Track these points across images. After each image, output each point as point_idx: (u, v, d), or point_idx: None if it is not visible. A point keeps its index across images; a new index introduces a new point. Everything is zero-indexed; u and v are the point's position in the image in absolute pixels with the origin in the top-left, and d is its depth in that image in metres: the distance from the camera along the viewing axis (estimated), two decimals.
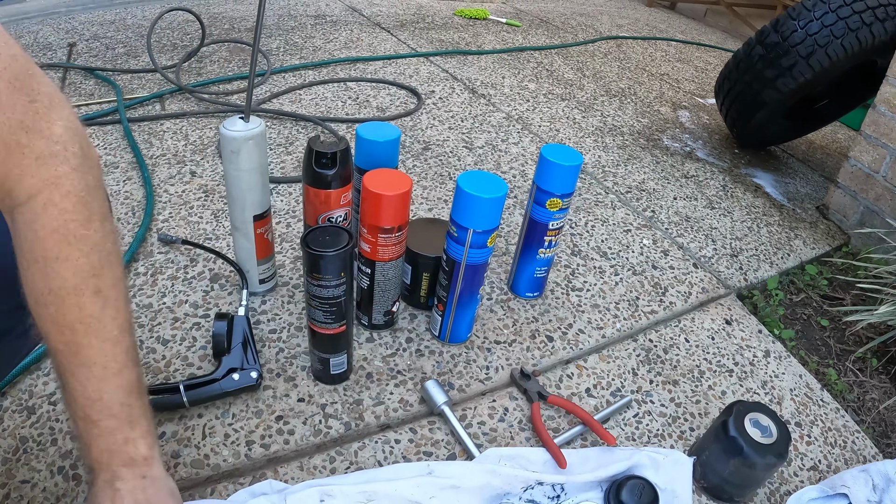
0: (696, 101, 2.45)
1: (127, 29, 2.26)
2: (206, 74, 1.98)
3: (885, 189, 1.71)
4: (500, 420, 1.07)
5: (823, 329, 1.51)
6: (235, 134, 1.00)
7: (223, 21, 2.35)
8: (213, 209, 1.41)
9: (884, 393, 1.38)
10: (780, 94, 1.75)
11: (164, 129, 1.69)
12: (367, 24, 2.54)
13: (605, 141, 2.01)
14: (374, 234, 1.02)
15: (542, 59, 2.54)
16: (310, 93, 1.97)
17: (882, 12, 1.68)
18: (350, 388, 1.06)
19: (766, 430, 1.02)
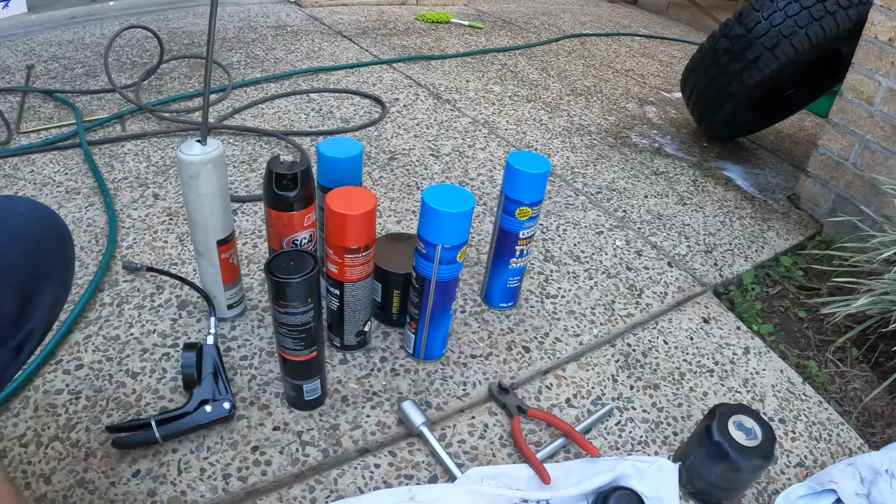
0: (663, 96, 2.45)
1: (86, 48, 2.21)
2: (167, 92, 1.93)
3: (856, 176, 1.71)
4: (480, 437, 1.05)
5: (801, 321, 1.50)
6: (192, 158, 0.96)
7: (183, 36, 2.30)
8: (177, 233, 1.37)
9: (865, 382, 1.37)
10: (747, 86, 1.75)
11: (125, 150, 1.64)
12: (329, 32, 2.50)
13: (572, 141, 1.99)
14: (341, 254, 0.99)
15: (506, 60, 2.52)
16: (272, 106, 1.93)
17: (845, 0, 1.68)
18: (326, 412, 1.03)
19: (750, 433, 1.01)
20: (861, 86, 1.64)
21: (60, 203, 1.43)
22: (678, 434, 1.13)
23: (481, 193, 1.66)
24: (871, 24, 1.59)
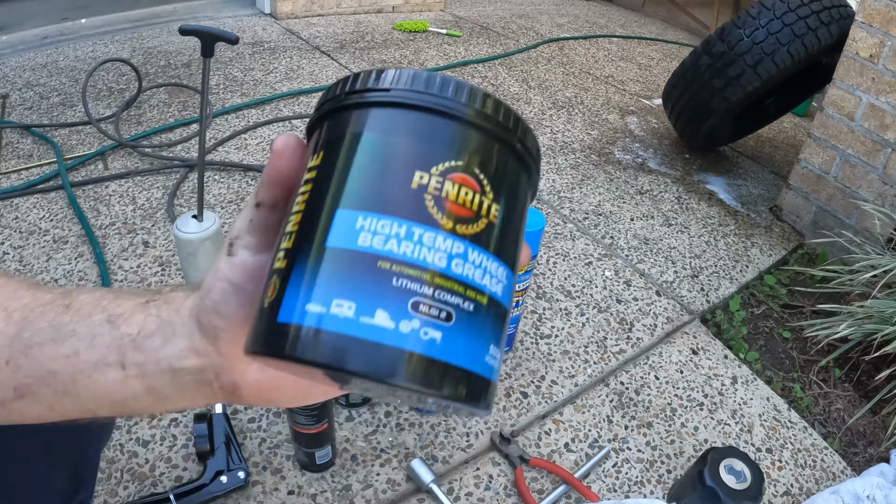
0: (643, 104, 2.47)
1: (60, 73, 2.18)
2: (147, 123, 1.92)
3: (837, 189, 1.75)
4: (486, 489, 1.08)
5: (786, 341, 1.55)
6: (190, 236, 0.97)
7: (158, 57, 2.28)
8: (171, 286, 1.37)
9: (848, 402, 1.42)
10: (729, 102, 1.78)
11: (110, 192, 1.63)
12: (306, 48, 2.48)
13: (557, 162, 2.01)
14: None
15: (487, 72, 2.52)
16: (255, 136, 1.93)
17: (826, 16, 1.71)
18: (337, 473, 1.06)
19: (740, 476, 1.05)
20: (842, 101, 1.68)
21: (49, 255, 1.43)
22: (671, 472, 1.18)
23: None
24: (853, 41, 1.62)
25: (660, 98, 2.51)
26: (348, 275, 0.28)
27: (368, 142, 0.31)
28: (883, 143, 1.63)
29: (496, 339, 0.30)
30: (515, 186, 0.32)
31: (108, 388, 0.40)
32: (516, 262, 0.33)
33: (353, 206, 0.29)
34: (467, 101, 0.31)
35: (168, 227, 1.54)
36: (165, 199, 1.63)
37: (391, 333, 0.27)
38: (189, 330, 0.38)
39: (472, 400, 0.29)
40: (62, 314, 0.42)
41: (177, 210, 1.59)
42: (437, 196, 0.29)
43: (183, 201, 1.63)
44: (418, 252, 0.28)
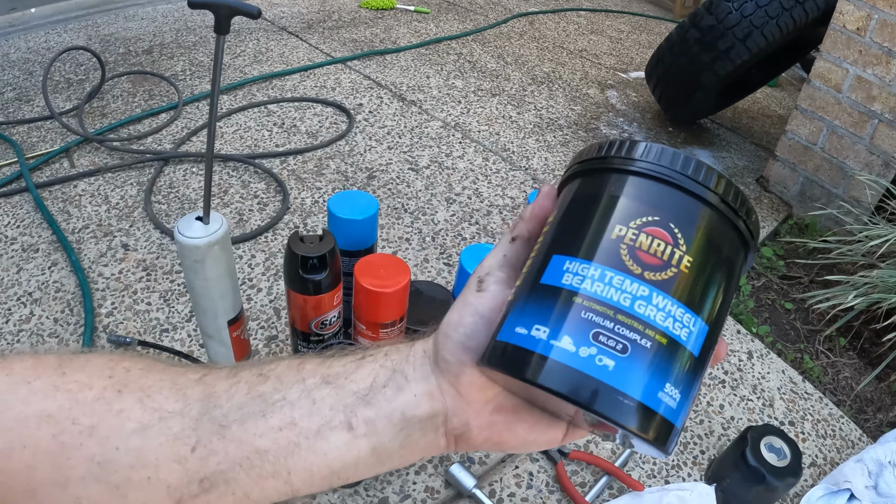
0: (620, 77, 2.45)
1: (12, 66, 2.01)
2: (112, 115, 1.79)
3: (824, 160, 1.76)
4: (528, 487, 1.05)
5: (789, 312, 1.56)
6: (197, 242, 0.86)
7: (117, 44, 2.13)
8: (159, 291, 1.29)
9: (855, 370, 1.44)
10: (718, 76, 1.76)
11: (80, 191, 1.52)
12: (273, 29, 2.36)
13: (546, 139, 1.97)
14: (375, 329, 0.95)
15: (461, 49, 2.45)
16: (230, 123, 1.82)
17: None
18: (371, 486, 1.01)
19: (780, 453, 1.05)
20: (829, 73, 1.68)
21: (19, 265, 1.31)
22: (705, 452, 1.16)
23: (471, 210, 1.62)
24: (840, 14, 1.62)
25: (636, 71, 2.50)
26: (549, 306, 0.34)
27: (585, 199, 0.37)
28: (870, 114, 1.64)
29: (675, 379, 0.33)
30: (715, 244, 0.36)
31: (331, 457, 0.36)
32: (714, 316, 0.36)
33: (564, 251, 0.36)
34: (656, 157, 0.36)
35: (148, 226, 1.44)
36: (141, 195, 1.52)
37: (571, 356, 0.32)
38: (423, 374, 0.38)
39: (637, 427, 0.32)
40: (259, 384, 0.37)
41: (155, 207, 1.49)
42: (630, 245, 0.34)
43: (161, 197, 1.53)
44: (606, 291, 0.33)
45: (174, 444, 0.36)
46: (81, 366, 0.38)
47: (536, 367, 0.33)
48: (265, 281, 1.33)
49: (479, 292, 0.38)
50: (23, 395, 0.36)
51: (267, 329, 1.23)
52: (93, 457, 0.35)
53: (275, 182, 1.61)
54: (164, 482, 0.35)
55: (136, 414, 0.36)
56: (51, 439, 0.35)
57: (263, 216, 1.50)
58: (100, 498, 0.35)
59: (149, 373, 0.38)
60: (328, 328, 0.96)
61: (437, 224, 1.56)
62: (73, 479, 0.35)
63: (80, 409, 0.36)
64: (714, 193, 0.35)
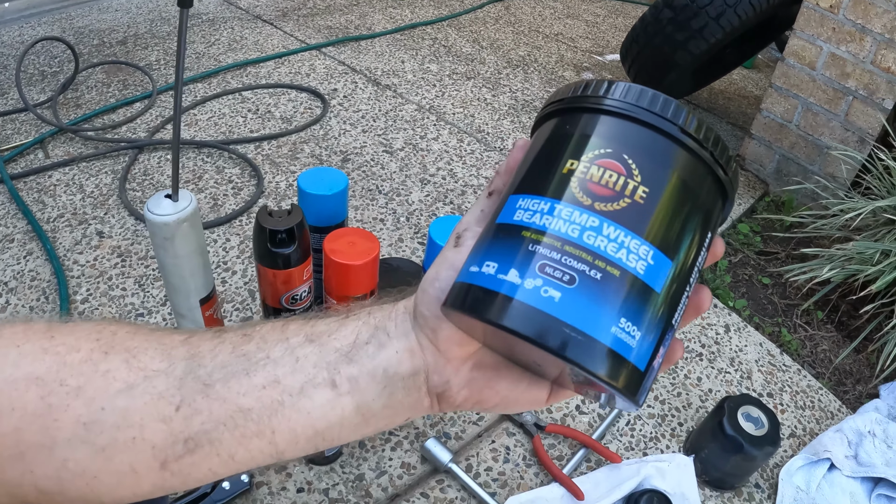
0: (596, 60, 2.45)
1: None
2: (86, 105, 1.77)
3: (799, 137, 1.77)
4: (504, 461, 1.04)
5: (766, 287, 1.57)
6: (166, 219, 0.86)
7: (91, 36, 2.10)
8: (134, 276, 1.28)
9: (833, 343, 1.45)
10: (693, 55, 1.77)
11: (54, 181, 1.50)
12: (247, 17, 2.34)
13: (521, 120, 1.97)
14: (346, 303, 0.95)
15: (436, 34, 2.44)
16: (205, 111, 1.81)
17: None
18: (347, 463, 1.00)
19: (758, 422, 1.05)
20: (803, 51, 1.68)
21: None
22: (683, 424, 1.17)
23: (445, 191, 1.62)
24: None
25: (612, 54, 2.50)
26: (499, 243, 0.34)
27: (545, 141, 0.37)
28: (844, 90, 1.65)
29: (632, 314, 0.32)
30: (676, 175, 0.34)
31: (315, 415, 0.36)
32: (680, 251, 0.34)
33: (520, 191, 0.35)
34: (604, 91, 0.35)
35: (123, 213, 1.43)
36: (116, 184, 1.51)
37: (516, 288, 0.31)
38: (404, 330, 0.38)
39: (584, 362, 0.30)
40: (243, 344, 0.37)
41: (130, 195, 1.48)
42: (581, 178, 0.33)
43: (136, 184, 1.51)
44: (554, 224, 0.32)
45: (159, 403, 0.35)
46: (70, 330, 0.38)
47: (483, 301, 0.32)
48: (240, 264, 1.32)
49: (457, 247, 0.38)
50: (12, 358, 0.36)
51: (242, 311, 1.22)
52: (79, 418, 0.35)
53: (249, 167, 1.59)
54: (149, 442, 0.35)
55: (122, 374, 0.36)
56: (39, 401, 0.35)
57: (238, 200, 1.49)
58: (86, 460, 0.35)
59: (135, 335, 0.38)
60: (299, 303, 0.95)
61: (411, 204, 1.55)
62: (60, 442, 0.35)
63: (68, 370, 0.36)
64: (671, 123, 0.34)
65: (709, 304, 0.37)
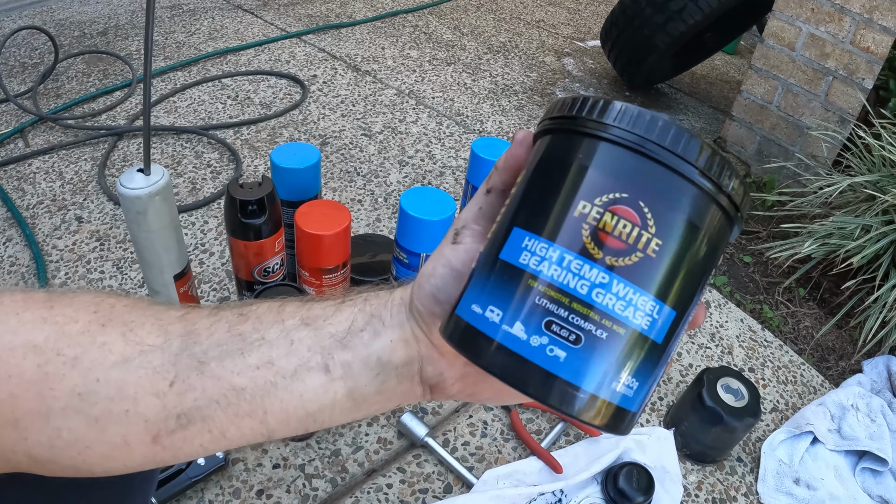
0: (577, 46, 2.45)
1: None
2: (66, 95, 1.76)
3: (780, 118, 1.77)
4: (482, 436, 1.04)
5: (747, 266, 1.57)
6: (138, 192, 0.86)
7: (72, 27, 2.09)
8: (112, 259, 1.27)
9: (815, 320, 1.45)
10: (671, 37, 1.77)
11: (34, 169, 1.49)
12: (228, 7, 2.33)
13: (501, 104, 1.96)
14: (318, 275, 0.94)
15: (417, 21, 2.44)
16: (184, 98, 1.80)
17: None
18: (323, 438, 0.99)
19: (737, 394, 1.05)
20: (782, 32, 1.69)
21: None
22: (663, 399, 1.17)
23: (423, 172, 1.61)
24: None
25: (593, 40, 2.50)
26: (504, 287, 0.32)
27: (552, 164, 0.34)
28: (824, 70, 1.65)
29: (632, 369, 0.32)
30: (692, 223, 0.32)
31: (306, 398, 0.36)
32: (685, 299, 0.33)
33: (525, 225, 0.33)
34: (629, 123, 0.32)
35: (102, 199, 1.41)
36: (95, 170, 1.50)
37: (522, 344, 0.31)
38: (399, 320, 0.37)
39: (589, 418, 0.31)
40: (239, 324, 0.37)
41: (109, 181, 1.47)
42: (593, 226, 0.31)
43: (115, 171, 1.50)
44: (563, 277, 0.31)
45: (153, 377, 0.35)
46: (69, 301, 0.38)
47: (487, 351, 0.31)
48: (217, 245, 1.31)
49: (455, 244, 0.38)
50: (11, 326, 0.36)
51: (219, 291, 1.21)
52: (74, 387, 0.35)
53: (228, 151, 1.59)
54: (142, 416, 0.35)
55: (119, 347, 0.36)
56: (35, 369, 0.35)
57: (216, 184, 1.48)
58: (80, 430, 0.35)
59: (133, 309, 0.38)
60: (271, 276, 0.94)
61: (389, 186, 1.55)
62: (55, 410, 0.35)
63: (66, 340, 0.36)
64: (693, 167, 0.31)
65: (703, 320, 0.37)
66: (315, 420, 0.38)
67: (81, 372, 0.35)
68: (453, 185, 1.59)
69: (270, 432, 0.37)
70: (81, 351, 0.35)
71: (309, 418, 0.37)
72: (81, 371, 0.35)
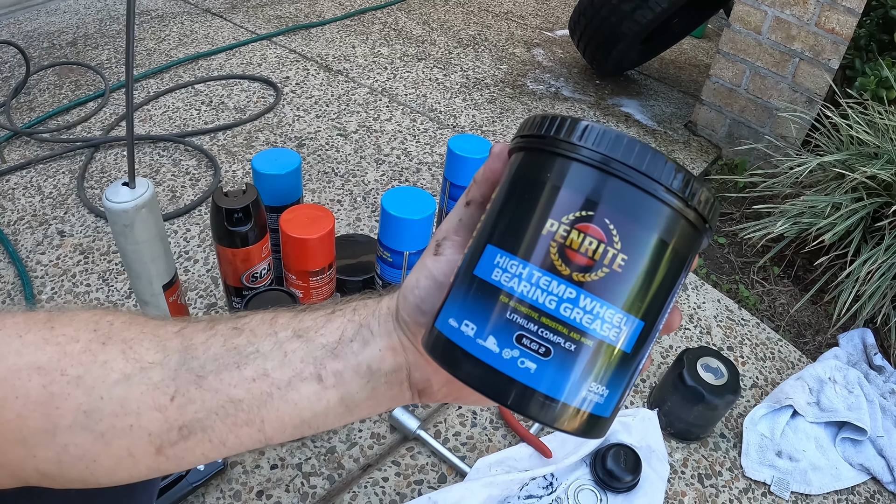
0: (546, 36, 2.47)
1: None
2: (39, 108, 1.75)
3: (748, 101, 1.81)
4: (472, 426, 1.06)
5: (722, 247, 1.60)
6: (125, 206, 0.87)
7: (41, 39, 2.07)
8: (97, 272, 1.27)
9: (790, 296, 1.49)
10: (639, 25, 1.79)
11: (12, 185, 1.48)
12: (197, 12, 2.32)
13: (473, 98, 1.99)
14: (305, 278, 0.96)
15: (386, 18, 2.45)
16: (158, 106, 1.80)
17: None
18: (318, 437, 1.01)
19: (717, 372, 1.08)
20: (748, 16, 1.72)
21: None
22: (645, 381, 1.20)
23: (400, 169, 1.63)
24: None
25: (562, 29, 2.52)
26: (478, 302, 0.34)
27: (523, 183, 0.35)
28: (790, 53, 1.69)
29: (601, 378, 0.33)
30: (659, 238, 0.33)
31: (301, 406, 0.38)
32: (653, 310, 0.34)
33: (497, 242, 0.34)
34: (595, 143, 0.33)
35: (83, 212, 1.42)
36: (74, 183, 1.50)
37: (494, 357, 0.32)
38: (387, 329, 0.39)
39: (560, 425, 0.33)
40: (234, 337, 0.39)
41: (88, 193, 1.47)
42: (560, 244, 0.32)
43: (94, 182, 1.50)
44: (532, 292, 0.32)
45: (154, 392, 0.37)
46: (69, 320, 0.40)
47: (463, 364, 0.33)
48: (201, 252, 1.32)
49: (436, 256, 0.39)
50: (15, 348, 0.37)
51: (206, 297, 1.23)
52: (79, 405, 0.36)
53: (205, 158, 1.59)
54: (146, 429, 0.37)
55: (119, 365, 0.37)
56: (41, 389, 0.36)
57: (196, 191, 1.48)
58: (86, 446, 0.37)
59: (131, 325, 0.40)
60: (259, 281, 0.96)
61: (367, 185, 1.57)
62: (62, 428, 0.36)
63: (68, 360, 0.37)
64: (658, 183, 0.32)
65: (678, 324, 0.38)
66: (310, 426, 0.40)
67: (85, 390, 0.37)
68: (430, 180, 1.61)
69: (268, 439, 0.39)
70: (84, 370, 0.37)
71: (304, 425, 0.39)
72: (85, 389, 0.37)
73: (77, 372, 0.37)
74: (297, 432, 0.40)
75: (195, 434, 0.38)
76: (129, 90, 0.85)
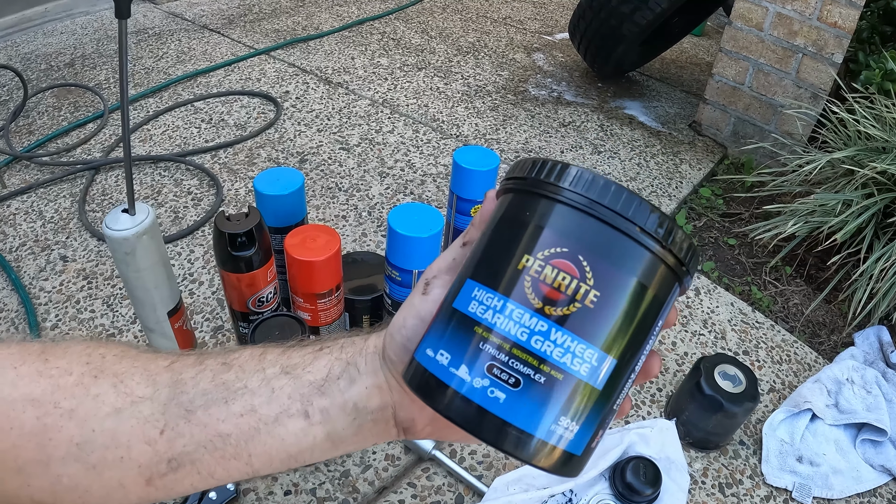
0: (546, 40, 2.46)
1: None
2: (38, 131, 1.74)
3: (753, 98, 1.79)
4: None
5: (732, 248, 1.58)
6: (125, 234, 0.85)
7: (38, 61, 2.06)
8: (101, 297, 1.26)
9: (804, 296, 1.47)
10: (639, 26, 1.78)
11: (13, 211, 1.47)
12: (194, 28, 2.32)
13: (475, 106, 1.97)
14: (313, 301, 0.94)
15: (384, 28, 2.44)
16: (158, 125, 1.78)
17: None
18: (331, 462, 0.99)
19: (735, 379, 1.06)
20: (749, 13, 1.70)
21: None
22: (662, 389, 1.18)
23: (405, 181, 1.62)
24: None
25: (561, 33, 2.51)
26: (454, 333, 0.35)
27: (504, 222, 0.36)
28: (793, 48, 1.67)
29: (571, 413, 0.33)
30: (634, 278, 0.34)
31: (288, 441, 0.39)
32: (627, 349, 0.34)
33: (476, 277, 0.35)
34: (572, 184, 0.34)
35: (85, 235, 1.40)
36: (75, 206, 1.48)
37: (466, 386, 0.33)
38: (373, 367, 0.40)
39: (526, 457, 0.33)
40: (223, 373, 0.40)
41: (90, 216, 1.45)
42: (534, 278, 0.33)
43: (95, 206, 1.49)
44: (505, 324, 0.33)
45: (144, 426, 0.38)
46: (62, 352, 0.41)
47: (436, 393, 0.34)
48: (206, 274, 1.31)
49: (424, 295, 0.39)
50: (10, 379, 0.39)
51: (212, 320, 1.21)
52: (72, 438, 0.38)
53: (207, 177, 1.58)
54: (136, 462, 0.38)
55: (111, 398, 0.39)
56: (35, 421, 0.38)
57: (199, 211, 1.47)
58: (78, 476, 0.38)
59: (122, 359, 0.41)
60: (265, 305, 0.94)
61: (372, 199, 1.55)
62: (55, 459, 0.38)
63: (62, 393, 0.39)
64: (633, 223, 0.33)
65: (658, 371, 0.38)
66: (297, 460, 0.40)
67: (78, 423, 0.38)
68: (435, 192, 1.59)
69: (255, 472, 0.40)
70: (77, 403, 0.38)
71: (291, 459, 0.40)
72: (78, 422, 0.38)
73: (70, 405, 0.38)
74: (284, 466, 0.41)
75: (184, 466, 0.39)
76: (124, 117, 0.84)
